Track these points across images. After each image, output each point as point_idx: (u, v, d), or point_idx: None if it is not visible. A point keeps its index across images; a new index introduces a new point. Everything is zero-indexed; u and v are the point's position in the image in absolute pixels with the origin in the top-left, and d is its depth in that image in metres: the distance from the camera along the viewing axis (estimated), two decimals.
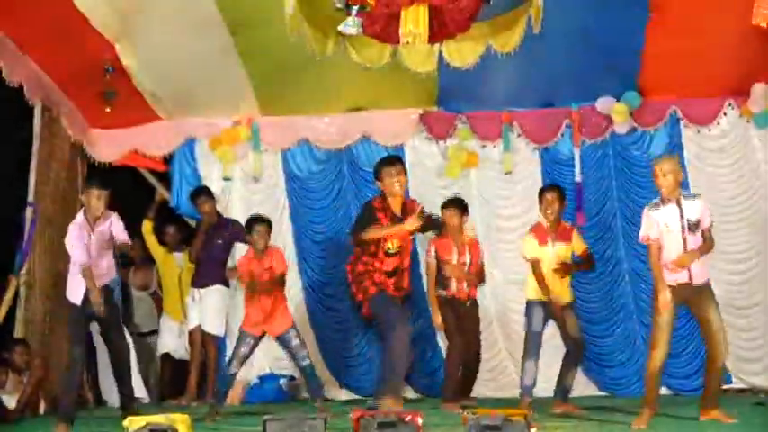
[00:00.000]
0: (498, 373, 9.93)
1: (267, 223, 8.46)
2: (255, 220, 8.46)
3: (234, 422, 7.91)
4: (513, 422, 5.80)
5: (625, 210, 9.84)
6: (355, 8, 6.97)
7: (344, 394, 9.96)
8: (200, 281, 9.77)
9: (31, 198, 9.28)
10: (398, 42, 7.38)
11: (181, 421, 6.05)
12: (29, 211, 9.21)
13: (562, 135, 9.99)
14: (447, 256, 8.68)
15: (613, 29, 8.54)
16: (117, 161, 10.35)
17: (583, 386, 9.62)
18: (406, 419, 5.88)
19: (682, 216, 6.98)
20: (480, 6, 7.26)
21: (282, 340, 8.47)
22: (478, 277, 8.94)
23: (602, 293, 9.80)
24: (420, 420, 5.88)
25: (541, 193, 8.50)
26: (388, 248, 8.04)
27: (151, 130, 10.29)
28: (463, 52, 8.22)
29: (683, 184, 9.50)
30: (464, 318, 8.74)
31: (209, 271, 9.73)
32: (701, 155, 9.81)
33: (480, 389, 9.51)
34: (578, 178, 9.88)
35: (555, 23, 7.73)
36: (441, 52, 8.28)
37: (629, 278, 9.81)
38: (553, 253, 8.25)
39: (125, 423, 6.02)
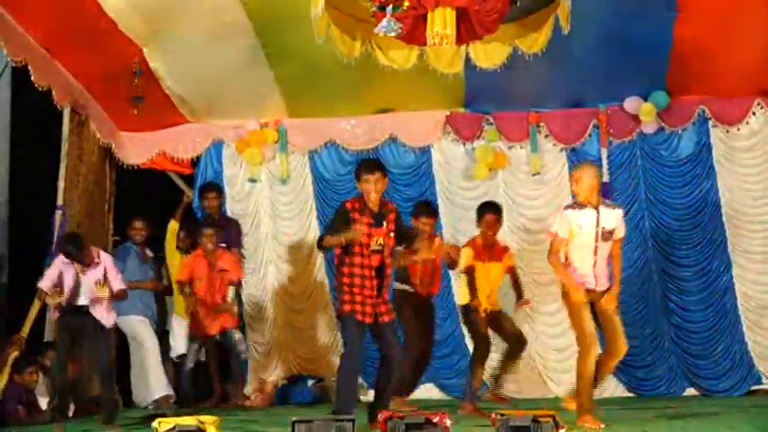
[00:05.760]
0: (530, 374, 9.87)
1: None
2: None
3: (263, 423, 7.93)
4: (541, 423, 5.79)
5: (653, 210, 9.79)
6: (389, 9, 6.95)
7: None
8: None
9: (60, 201, 9.33)
10: (425, 44, 7.38)
11: (210, 422, 6.06)
12: (58, 215, 9.26)
13: (589, 135, 9.95)
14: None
15: (641, 28, 8.49)
16: (145, 164, 10.41)
17: (613, 387, 9.63)
18: (435, 420, 5.86)
19: (598, 223, 7.01)
20: (508, 8, 7.25)
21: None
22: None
23: (630, 294, 9.71)
24: (448, 422, 5.87)
25: (483, 212, 8.57)
26: (373, 246, 7.17)
27: (179, 133, 10.35)
28: (490, 53, 8.24)
29: (711, 185, 9.57)
30: (422, 313, 8.84)
31: None
32: (729, 154, 9.74)
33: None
34: (606, 179, 9.81)
35: (582, 24, 7.72)
36: (467, 54, 8.31)
37: (657, 278, 9.76)
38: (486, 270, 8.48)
39: (154, 424, 6.03)
